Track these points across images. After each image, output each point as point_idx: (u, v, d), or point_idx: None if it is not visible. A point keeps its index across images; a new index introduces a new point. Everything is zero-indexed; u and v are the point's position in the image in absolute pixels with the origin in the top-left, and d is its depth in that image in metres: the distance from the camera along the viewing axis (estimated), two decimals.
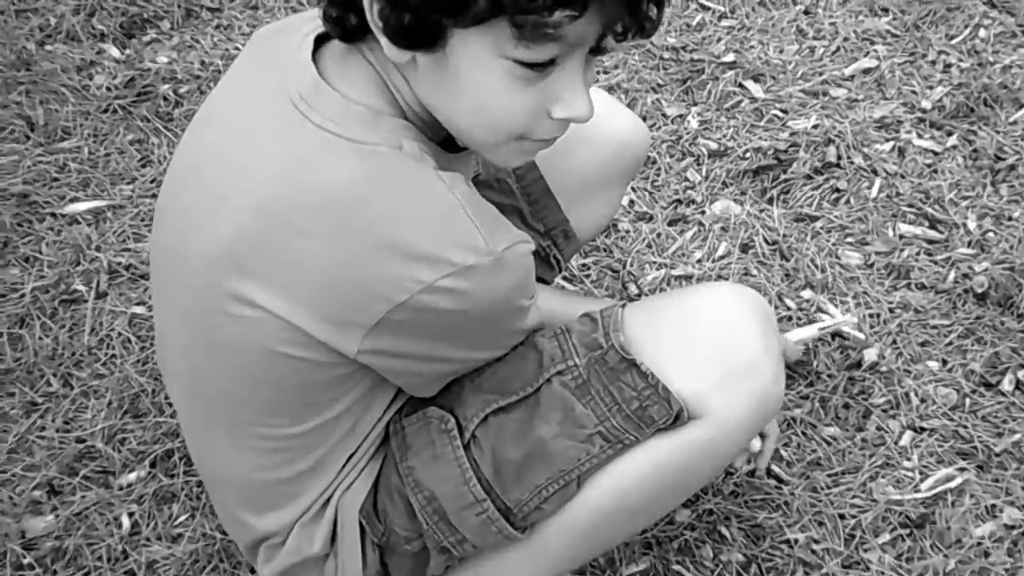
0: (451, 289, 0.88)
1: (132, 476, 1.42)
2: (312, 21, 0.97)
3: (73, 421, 1.49)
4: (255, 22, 2.19)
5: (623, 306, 1.06)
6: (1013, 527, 1.37)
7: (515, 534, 1.05)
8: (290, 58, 0.94)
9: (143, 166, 1.89)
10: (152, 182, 1.85)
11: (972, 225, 1.78)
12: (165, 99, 2.00)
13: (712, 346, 1.02)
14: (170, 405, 1.50)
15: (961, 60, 2.10)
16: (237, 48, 2.13)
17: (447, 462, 1.04)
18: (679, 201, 1.84)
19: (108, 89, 2.00)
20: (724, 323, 1.03)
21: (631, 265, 1.73)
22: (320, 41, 0.96)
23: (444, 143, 0.98)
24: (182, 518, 1.38)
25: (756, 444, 1.26)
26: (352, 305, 0.90)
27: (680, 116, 1.99)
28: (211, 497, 1.17)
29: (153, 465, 1.44)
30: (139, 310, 1.63)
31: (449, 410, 1.05)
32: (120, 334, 1.59)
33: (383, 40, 0.87)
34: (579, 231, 1.33)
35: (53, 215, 1.78)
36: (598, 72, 2.08)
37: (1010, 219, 1.79)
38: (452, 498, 1.04)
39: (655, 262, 1.74)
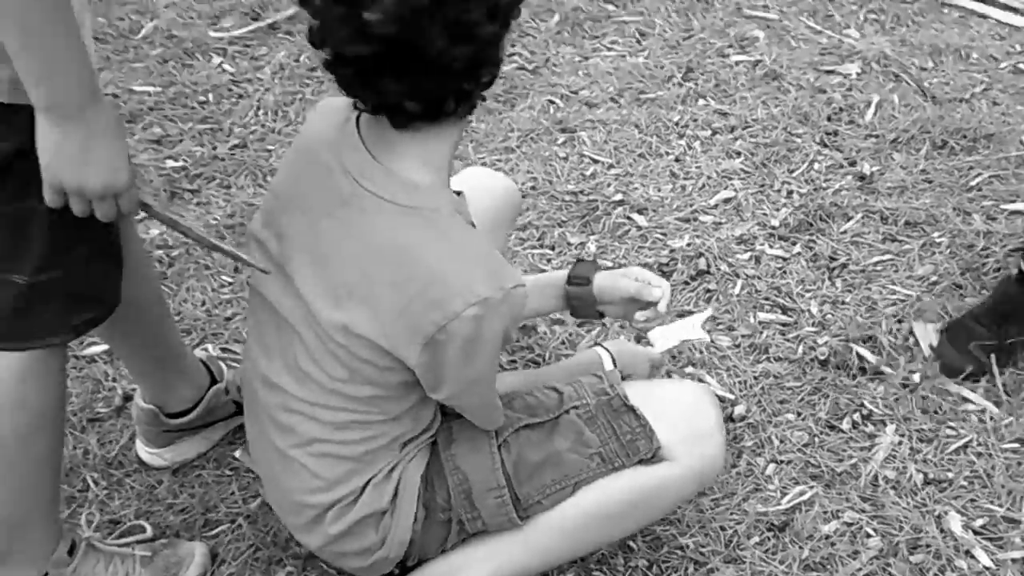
0: (473, 316, 1.23)
1: None
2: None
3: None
4: None
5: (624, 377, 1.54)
6: (852, 524, 1.78)
7: (517, 520, 1.45)
8: (346, 140, 1.31)
9: None
10: None
11: (815, 310, 2.25)
12: None
13: (685, 412, 1.49)
14: None
15: (800, 188, 2.63)
16: None
17: (483, 454, 1.44)
18: None
19: None
20: (694, 400, 1.52)
21: (549, 359, 2.15)
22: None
23: None
24: None
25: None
26: (413, 329, 1.26)
27: (581, 243, 2.46)
28: (271, 499, 1.53)
29: None
30: None
31: None
32: None
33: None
34: None
35: None
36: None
37: (843, 303, 2.27)
38: (480, 481, 1.43)
39: (569, 355, 2.16)
